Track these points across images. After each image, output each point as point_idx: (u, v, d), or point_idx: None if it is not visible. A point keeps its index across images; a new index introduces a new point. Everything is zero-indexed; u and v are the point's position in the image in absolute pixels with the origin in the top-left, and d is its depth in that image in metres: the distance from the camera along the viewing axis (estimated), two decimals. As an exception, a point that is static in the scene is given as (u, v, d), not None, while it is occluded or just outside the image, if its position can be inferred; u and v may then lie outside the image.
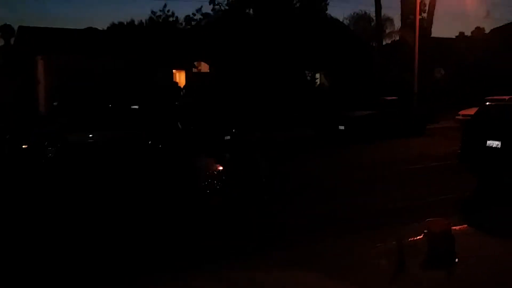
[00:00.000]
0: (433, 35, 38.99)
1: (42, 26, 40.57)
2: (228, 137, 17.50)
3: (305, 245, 7.24)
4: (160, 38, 31.06)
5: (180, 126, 17.15)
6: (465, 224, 8.17)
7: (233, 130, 17.85)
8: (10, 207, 9.95)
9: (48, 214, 9.43)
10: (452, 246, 6.51)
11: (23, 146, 14.09)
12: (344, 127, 20.68)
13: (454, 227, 7.23)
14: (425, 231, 6.79)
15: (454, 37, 41.94)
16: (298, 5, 30.81)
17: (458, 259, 6.44)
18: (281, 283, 5.97)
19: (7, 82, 28.28)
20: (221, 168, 13.04)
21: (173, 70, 32.03)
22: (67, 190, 11.35)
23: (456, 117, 23.83)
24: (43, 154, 13.99)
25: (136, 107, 22.01)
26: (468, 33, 42.29)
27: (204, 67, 34.62)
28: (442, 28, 61.21)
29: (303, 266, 6.39)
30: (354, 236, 7.66)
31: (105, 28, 39.60)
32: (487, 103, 11.27)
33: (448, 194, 10.54)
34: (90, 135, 15.41)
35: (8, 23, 41.54)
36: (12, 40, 42.65)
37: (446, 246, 6.48)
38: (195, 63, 34.17)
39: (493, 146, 10.07)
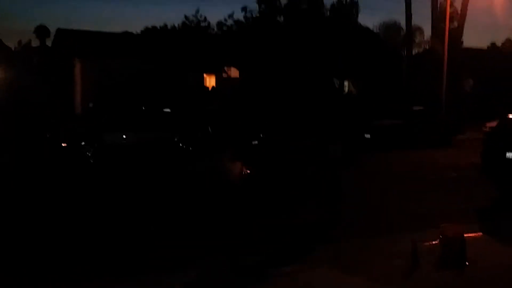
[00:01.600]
0: (464, 45, 39.01)
1: (78, 28, 41.85)
2: (256, 142, 18.00)
3: (333, 244, 7.89)
4: (192, 43, 31.88)
5: (210, 130, 17.76)
6: (480, 231, 8.55)
7: (261, 135, 18.34)
8: (53, 201, 10.70)
9: (88, 208, 10.16)
10: (463, 250, 6.93)
11: (63, 145, 14.89)
12: (370, 136, 21.00)
13: (469, 234, 7.65)
14: (440, 236, 7.24)
15: (485, 47, 41.76)
16: (328, 13, 31.25)
17: (469, 263, 6.87)
18: (308, 277, 6.49)
19: (45, 82, 29.42)
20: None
21: (204, 74, 32.80)
22: (104, 186, 12.11)
23: (483, 128, 23.84)
24: (81, 153, 14.77)
25: (168, 110, 22.78)
26: (499, 44, 42.11)
27: (234, 72, 35.33)
28: (474, 38, 60.94)
29: (328, 262, 7.03)
30: (375, 238, 8.13)
31: (139, 32, 40.71)
32: (508, 115, 11.54)
33: (468, 203, 10.87)
34: (124, 136, 16.07)
35: (43, 23, 43.03)
36: (47, 41, 44.09)
37: (458, 249, 6.90)
38: (225, 68, 34.91)
39: (512, 158, 10.38)
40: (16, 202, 10.50)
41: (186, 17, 36.76)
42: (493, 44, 42.14)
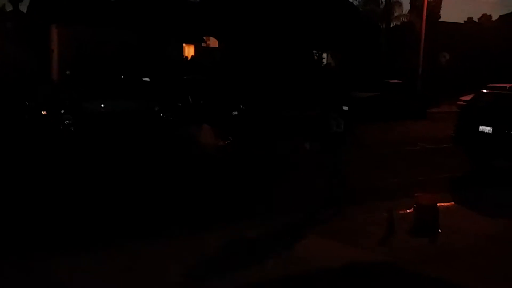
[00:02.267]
0: (441, 19, 39.35)
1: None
2: (236, 113, 18.15)
3: (311, 212, 8.18)
4: (172, 11, 31.49)
5: (190, 99, 17.81)
6: (454, 201, 8.96)
7: (241, 106, 18.48)
8: (33, 168, 10.77)
9: (68, 174, 10.28)
10: (436, 219, 7.29)
11: (42, 113, 14.81)
12: (347, 108, 21.29)
13: (442, 203, 8.04)
14: (414, 205, 7.59)
15: (462, 22, 42.14)
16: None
17: (441, 230, 7.24)
18: (288, 244, 6.80)
19: (21, 49, 28.89)
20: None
21: (183, 44, 32.55)
22: (83, 153, 12.22)
23: (458, 102, 24.40)
24: (61, 121, 14.70)
25: (148, 79, 22.66)
26: (476, 18, 42.53)
27: (213, 42, 35.12)
28: (452, 13, 61.21)
29: (307, 230, 7.32)
30: (351, 206, 8.43)
31: (117, -1, 39.97)
32: (482, 91, 11.94)
33: (441, 174, 11.30)
34: (102, 105, 15.98)
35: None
36: (20, 6, 42.97)
37: (431, 218, 7.27)
38: (205, 37, 34.66)
39: (485, 131, 10.78)
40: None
41: (165, -16, 36.20)
42: (470, 19, 42.51)
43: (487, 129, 10.76)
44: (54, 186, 9.52)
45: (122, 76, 21.86)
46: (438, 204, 7.53)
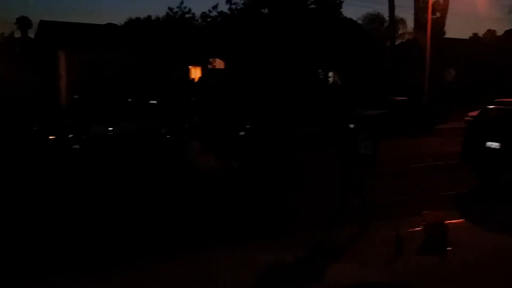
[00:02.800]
0: (446, 35, 39.47)
1: (61, 20, 41.61)
2: (243, 133, 18.20)
3: (318, 230, 8.15)
4: (177, 34, 31.82)
5: (196, 121, 17.90)
6: (462, 218, 8.88)
7: (247, 126, 18.54)
8: (42, 194, 10.81)
9: (77, 199, 10.31)
10: (445, 236, 7.23)
11: (50, 138, 14.91)
12: (354, 126, 21.30)
13: (450, 221, 7.98)
14: (423, 223, 7.54)
15: (467, 38, 42.30)
16: (312, 5, 31.42)
17: (450, 247, 7.17)
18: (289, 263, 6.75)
19: (28, 74, 29.22)
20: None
21: (189, 66, 32.82)
22: (92, 177, 12.25)
23: (465, 118, 24.32)
24: (69, 146, 14.79)
25: (155, 102, 22.82)
26: (481, 34, 42.69)
27: (219, 64, 35.38)
28: (456, 29, 61.38)
29: (312, 249, 7.28)
30: (357, 226, 8.37)
31: (123, 23, 40.51)
32: (488, 106, 11.91)
33: (448, 190, 11.22)
34: (111, 128, 16.10)
35: (25, 15, 42.61)
36: (30, 33, 43.57)
37: (439, 236, 7.21)
38: (211, 59, 34.94)
39: (492, 147, 10.73)
40: (8, 196, 10.58)
41: (170, 8, 36.62)
42: (475, 35, 42.71)
43: (494, 144, 10.71)
44: (55, 211, 9.54)
45: (130, 100, 22.04)
46: (446, 221, 7.48)
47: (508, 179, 11.39)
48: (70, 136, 15.05)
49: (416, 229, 7.82)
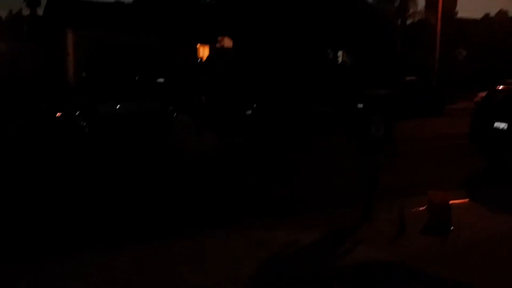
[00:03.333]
0: (458, 16, 38.90)
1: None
2: (249, 112, 18.16)
3: (325, 211, 8.10)
4: (186, 13, 31.61)
5: (203, 99, 17.86)
6: (467, 198, 8.83)
7: (254, 105, 18.48)
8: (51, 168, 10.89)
9: (81, 175, 10.38)
10: (448, 217, 7.19)
11: (57, 115, 14.94)
12: (363, 105, 21.16)
13: (456, 201, 7.94)
14: (427, 203, 7.50)
15: (479, 18, 41.62)
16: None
17: (454, 229, 7.13)
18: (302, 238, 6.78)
19: (36, 51, 29.28)
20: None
21: (198, 45, 32.65)
22: (97, 153, 12.34)
23: (475, 99, 24.08)
24: (76, 123, 14.83)
25: (162, 80, 22.80)
26: (493, 14, 41.96)
27: (228, 42, 35.15)
28: (468, 9, 60.34)
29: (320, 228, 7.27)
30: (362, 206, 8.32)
31: (131, 1, 40.27)
32: (496, 86, 11.73)
33: (456, 171, 11.15)
34: (118, 106, 16.11)
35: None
36: (38, 10, 43.52)
37: (443, 216, 7.16)
38: (219, 38, 34.70)
39: (500, 128, 10.60)
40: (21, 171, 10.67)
41: (179, -14, 36.37)
42: (486, 15, 41.96)
43: (502, 125, 10.58)
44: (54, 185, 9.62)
45: (137, 78, 22.03)
46: (452, 202, 7.43)
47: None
48: (77, 113, 15.07)
49: (420, 208, 7.79)
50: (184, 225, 7.52)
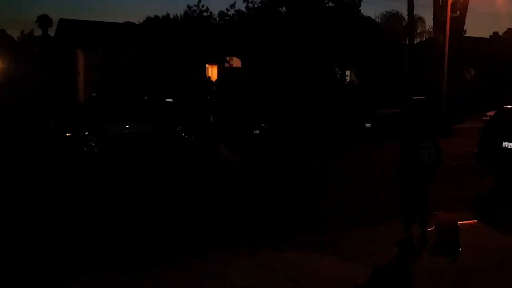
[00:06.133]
0: (466, 34, 38.97)
1: (80, 18, 42.10)
2: (257, 131, 18.23)
3: (332, 232, 8.06)
4: (195, 33, 31.97)
5: (212, 119, 17.98)
6: (476, 219, 8.78)
7: (262, 125, 18.56)
8: (59, 189, 10.95)
9: (93, 195, 10.42)
10: (457, 237, 7.15)
11: (67, 135, 15.12)
12: (371, 125, 21.18)
13: (464, 221, 7.90)
14: (435, 223, 7.46)
15: (487, 37, 41.71)
16: (330, 3, 31.29)
17: (462, 250, 7.09)
18: (306, 264, 6.75)
19: (47, 72, 29.60)
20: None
21: (206, 65, 32.92)
22: (108, 175, 12.38)
23: (483, 118, 24.01)
24: (85, 143, 14.99)
25: (170, 100, 22.96)
26: (502, 33, 42.08)
27: (236, 62, 35.46)
28: (476, 28, 60.37)
29: (328, 250, 7.21)
30: (373, 225, 8.35)
31: (141, 22, 40.82)
32: (505, 106, 11.73)
33: (464, 191, 11.10)
34: (127, 126, 16.26)
35: (45, 13, 43.27)
36: (49, 31, 44.13)
37: (451, 236, 7.13)
38: (228, 58, 35.02)
39: (509, 147, 10.57)
40: (26, 192, 10.72)
41: (188, 7, 36.87)
42: (495, 33, 42.07)
43: (511, 145, 10.55)
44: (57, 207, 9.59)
45: (146, 98, 22.19)
46: (460, 222, 7.41)
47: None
48: (86, 133, 15.23)
49: (429, 229, 7.75)
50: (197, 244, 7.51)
